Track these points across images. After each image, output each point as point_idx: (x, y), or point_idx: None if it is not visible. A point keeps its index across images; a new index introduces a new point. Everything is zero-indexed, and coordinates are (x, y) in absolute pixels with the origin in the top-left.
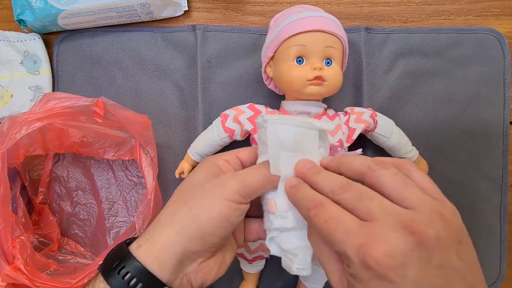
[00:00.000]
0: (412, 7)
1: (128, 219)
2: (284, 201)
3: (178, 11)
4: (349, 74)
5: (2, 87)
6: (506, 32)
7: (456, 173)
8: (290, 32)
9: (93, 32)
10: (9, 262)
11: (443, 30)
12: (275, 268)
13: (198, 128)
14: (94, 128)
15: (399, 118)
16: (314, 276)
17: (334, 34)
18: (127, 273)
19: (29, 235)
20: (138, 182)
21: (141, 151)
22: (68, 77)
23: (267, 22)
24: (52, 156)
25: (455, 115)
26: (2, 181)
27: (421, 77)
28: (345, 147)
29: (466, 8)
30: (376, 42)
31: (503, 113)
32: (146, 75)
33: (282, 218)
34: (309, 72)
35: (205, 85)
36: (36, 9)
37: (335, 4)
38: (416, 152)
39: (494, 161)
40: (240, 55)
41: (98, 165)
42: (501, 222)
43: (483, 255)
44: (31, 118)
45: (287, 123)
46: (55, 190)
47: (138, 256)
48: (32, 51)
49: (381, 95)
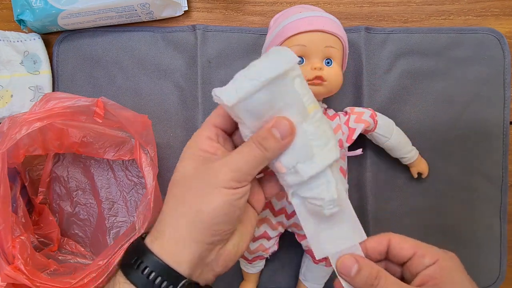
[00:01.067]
0: (412, 7)
1: (128, 219)
2: (289, 156)
3: (178, 11)
4: (349, 74)
5: (2, 87)
6: (506, 32)
7: (456, 173)
8: (290, 32)
9: (93, 32)
10: (9, 262)
11: (443, 30)
12: (275, 268)
13: (198, 128)
14: (94, 128)
15: (399, 118)
16: (314, 276)
17: (334, 34)
18: (146, 268)
19: (29, 235)
20: (138, 182)
21: (141, 151)
22: (68, 77)
23: (267, 22)
24: (52, 156)
25: (455, 115)
26: (2, 181)
27: (421, 77)
28: (345, 147)
29: (466, 8)
30: (376, 42)
31: (503, 113)
32: (146, 75)
33: (294, 173)
34: (309, 72)
35: (205, 85)
36: (36, 9)
37: (335, 4)
38: (416, 152)
39: (494, 161)
40: (240, 55)
41: (98, 165)
42: (501, 222)
43: (483, 255)
44: (31, 118)
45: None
46: (55, 190)
47: (155, 251)
48: (32, 51)
49: (381, 95)
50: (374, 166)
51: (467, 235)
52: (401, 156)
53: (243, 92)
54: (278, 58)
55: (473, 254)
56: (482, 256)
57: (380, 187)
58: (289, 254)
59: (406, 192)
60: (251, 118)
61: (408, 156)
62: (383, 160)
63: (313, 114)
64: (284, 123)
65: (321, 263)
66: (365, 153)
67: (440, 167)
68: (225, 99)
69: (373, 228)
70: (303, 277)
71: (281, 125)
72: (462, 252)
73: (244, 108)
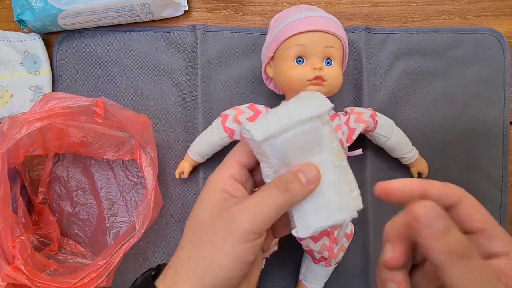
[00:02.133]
0: (412, 7)
1: (128, 219)
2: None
3: (178, 11)
4: (349, 74)
5: (2, 87)
6: (506, 32)
7: (456, 173)
8: (290, 32)
9: (93, 32)
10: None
11: (443, 30)
12: (275, 268)
13: (198, 128)
14: (94, 128)
15: (399, 118)
16: (314, 276)
17: (334, 34)
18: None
19: (29, 235)
20: (138, 182)
21: (141, 151)
22: (68, 77)
23: (267, 22)
24: (52, 156)
25: (455, 115)
26: (2, 181)
27: (421, 77)
28: (345, 147)
29: (466, 8)
30: (376, 42)
31: (503, 113)
32: (146, 75)
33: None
34: (309, 72)
35: (205, 85)
36: (36, 9)
37: (335, 4)
38: (416, 152)
39: (494, 161)
40: (240, 55)
41: (98, 165)
42: (501, 222)
43: None
44: (31, 118)
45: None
46: (55, 190)
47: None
48: (32, 51)
49: (381, 95)
50: (374, 166)
51: None
52: (401, 156)
53: (273, 129)
54: (311, 102)
55: None
56: None
57: None
58: (289, 254)
59: None
60: (277, 157)
61: (408, 156)
62: (383, 160)
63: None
64: (312, 168)
65: (321, 263)
66: (365, 153)
67: (440, 167)
68: (255, 134)
69: (373, 228)
70: (303, 277)
71: (308, 171)
72: None
73: (272, 146)
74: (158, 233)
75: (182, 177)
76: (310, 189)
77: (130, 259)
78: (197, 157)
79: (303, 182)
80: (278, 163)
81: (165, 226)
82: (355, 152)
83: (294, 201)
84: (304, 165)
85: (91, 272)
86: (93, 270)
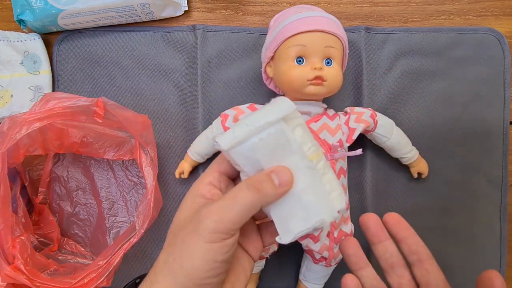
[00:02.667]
0: (412, 7)
1: (128, 219)
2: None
3: (178, 11)
4: (349, 74)
5: (2, 87)
6: (506, 32)
7: (456, 173)
8: (290, 32)
9: (93, 32)
10: (9, 262)
11: (443, 30)
12: (275, 268)
13: (198, 128)
14: (94, 128)
15: (399, 118)
16: (314, 276)
17: (334, 34)
18: None
19: (29, 235)
20: (138, 182)
21: (141, 151)
22: (68, 77)
23: (267, 22)
24: (52, 156)
25: (455, 115)
26: (2, 181)
27: (421, 77)
28: (345, 147)
29: (466, 8)
30: (376, 42)
31: (503, 113)
32: (146, 75)
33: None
34: (309, 72)
35: (205, 85)
36: (36, 9)
37: (335, 4)
38: (416, 152)
39: (494, 161)
40: (240, 55)
41: (98, 165)
42: (501, 222)
43: (483, 255)
44: (31, 118)
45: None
46: (55, 190)
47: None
48: (32, 51)
49: (381, 95)
50: (374, 166)
51: (467, 235)
52: (401, 156)
53: (238, 136)
54: (276, 106)
55: (473, 254)
56: (482, 256)
57: (380, 187)
58: (289, 254)
59: (406, 192)
60: (249, 164)
61: (408, 156)
62: (383, 160)
63: (313, 163)
64: (284, 170)
65: (321, 263)
66: (365, 153)
67: (440, 167)
68: (221, 143)
69: None
70: (303, 277)
71: (281, 173)
72: (462, 252)
73: (240, 153)
74: (158, 233)
75: (182, 177)
76: (283, 191)
77: (130, 259)
78: (197, 157)
79: (276, 184)
80: (251, 170)
81: (165, 226)
82: (355, 152)
83: (264, 201)
84: (278, 167)
85: (91, 272)
86: (93, 270)
